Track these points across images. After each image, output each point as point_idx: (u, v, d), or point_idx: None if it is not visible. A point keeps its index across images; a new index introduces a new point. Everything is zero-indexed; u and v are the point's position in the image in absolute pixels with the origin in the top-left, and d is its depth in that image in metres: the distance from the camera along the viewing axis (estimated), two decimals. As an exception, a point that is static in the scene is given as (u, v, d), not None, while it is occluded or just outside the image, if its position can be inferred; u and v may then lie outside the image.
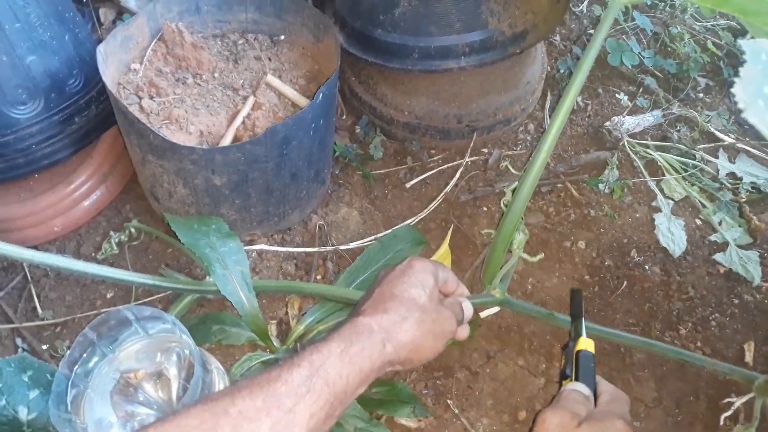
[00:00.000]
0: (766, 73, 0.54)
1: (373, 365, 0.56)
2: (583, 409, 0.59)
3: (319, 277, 1.02)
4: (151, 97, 0.95)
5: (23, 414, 0.74)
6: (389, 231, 1.06)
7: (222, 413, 0.47)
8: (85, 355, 0.77)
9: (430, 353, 0.62)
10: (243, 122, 0.93)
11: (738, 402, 0.89)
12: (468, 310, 0.69)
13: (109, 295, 1.01)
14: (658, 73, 1.31)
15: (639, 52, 1.31)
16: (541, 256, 0.96)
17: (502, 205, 1.01)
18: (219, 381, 0.83)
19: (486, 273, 0.80)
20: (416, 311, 0.60)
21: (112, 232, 1.02)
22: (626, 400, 0.63)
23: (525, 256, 0.81)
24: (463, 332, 0.70)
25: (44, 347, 0.96)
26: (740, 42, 0.53)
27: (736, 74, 0.50)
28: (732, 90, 0.50)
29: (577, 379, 0.65)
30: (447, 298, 0.68)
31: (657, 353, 0.90)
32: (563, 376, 0.67)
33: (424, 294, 0.62)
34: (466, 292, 0.72)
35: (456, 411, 0.88)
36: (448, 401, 0.89)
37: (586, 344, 0.67)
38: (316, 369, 0.52)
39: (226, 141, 0.92)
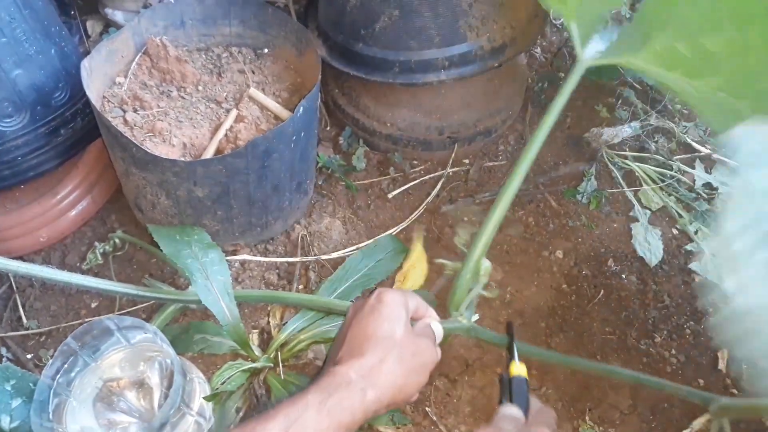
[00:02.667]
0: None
1: (354, 417, 0.54)
2: (513, 428, 0.58)
3: (301, 286, 1.04)
4: (135, 110, 0.96)
5: (5, 423, 0.75)
6: (371, 241, 1.08)
7: None
8: (67, 364, 0.78)
9: (415, 389, 0.60)
10: (226, 135, 0.95)
11: (698, 424, 0.91)
12: (438, 331, 0.66)
13: (93, 305, 1.02)
14: (637, 85, 1.34)
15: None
16: (496, 292, 0.95)
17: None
18: (199, 389, 0.85)
19: (452, 300, 0.79)
20: (394, 349, 0.57)
21: (97, 243, 1.03)
22: (552, 414, 0.63)
23: (484, 292, 0.80)
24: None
25: (29, 356, 0.97)
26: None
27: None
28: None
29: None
30: (417, 322, 0.67)
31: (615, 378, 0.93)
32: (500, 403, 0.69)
33: (399, 328, 0.59)
34: (434, 315, 0.69)
35: (434, 418, 0.90)
36: (427, 408, 0.91)
37: (518, 369, 0.66)
38: (292, 422, 0.50)
39: (209, 153, 0.94)
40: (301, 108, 0.87)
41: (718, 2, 0.65)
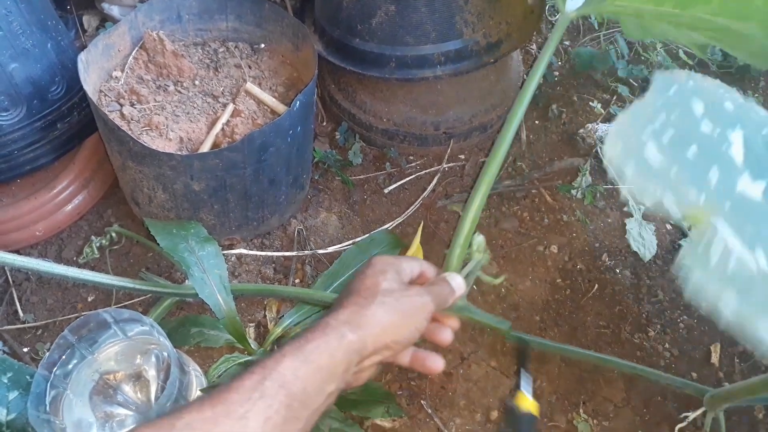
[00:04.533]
0: (664, 107, 0.55)
1: (334, 358, 0.52)
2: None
3: (297, 280, 1.04)
4: (132, 105, 0.96)
5: (2, 414, 0.75)
6: (367, 235, 1.08)
7: (167, 427, 0.45)
8: (64, 357, 0.78)
9: (406, 332, 0.58)
10: (222, 129, 0.96)
11: (692, 416, 0.92)
12: (457, 283, 0.63)
13: (90, 299, 1.02)
14: (632, 81, 1.34)
15: (612, 63, 1.34)
16: (502, 278, 0.90)
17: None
18: (196, 382, 0.85)
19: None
20: (376, 296, 0.57)
21: (93, 237, 1.03)
22: None
23: (486, 277, 0.78)
24: (450, 325, 0.64)
25: (25, 350, 0.97)
26: (655, 72, 0.55)
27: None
28: (616, 120, 0.51)
29: None
30: (431, 279, 0.64)
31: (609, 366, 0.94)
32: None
33: (383, 281, 0.58)
34: (451, 272, 0.66)
35: (429, 411, 0.90)
36: (422, 401, 0.91)
37: (529, 406, 0.64)
38: (269, 372, 0.50)
39: (206, 147, 0.94)
40: (298, 102, 0.88)
41: None
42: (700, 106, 0.57)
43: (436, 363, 0.62)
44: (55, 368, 0.77)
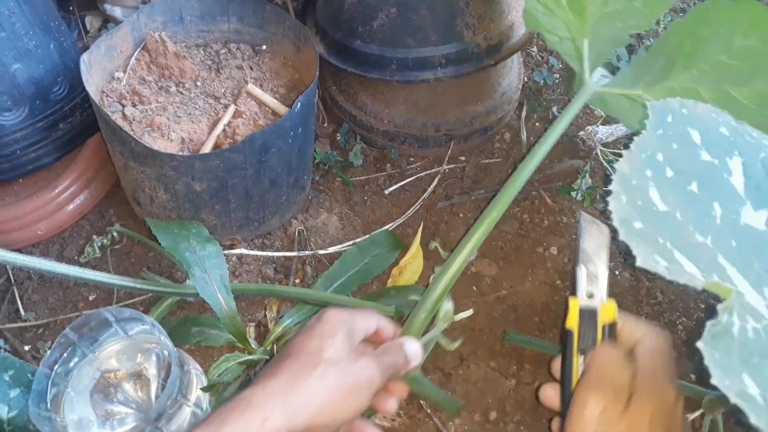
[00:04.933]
0: (663, 139, 0.53)
1: None
2: (624, 378, 0.52)
3: (297, 280, 1.05)
4: (134, 105, 0.97)
5: (3, 412, 0.76)
6: (367, 236, 1.09)
7: None
8: (65, 355, 0.79)
9: (345, 412, 0.52)
10: (224, 130, 0.96)
11: (690, 417, 0.92)
12: (413, 352, 0.58)
13: (91, 297, 1.03)
14: (632, 85, 1.35)
15: (614, 67, 1.34)
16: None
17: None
18: (196, 381, 0.86)
19: None
20: (318, 366, 0.51)
21: (94, 236, 1.04)
22: (667, 342, 0.57)
23: (444, 342, 0.73)
24: (396, 393, 0.61)
25: (26, 348, 0.98)
26: (648, 104, 0.53)
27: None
28: (616, 166, 0.49)
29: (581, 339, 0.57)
30: (386, 343, 0.59)
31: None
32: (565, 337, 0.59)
33: (330, 346, 0.52)
34: (410, 338, 0.61)
35: (428, 411, 0.91)
36: (421, 402, 0.92)
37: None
38: None
39: (207, 148, 0.94)
40: (299, 104, 0.88)
41: (753, 53, 0.64)
42: (697, 135, 0.56)
43: (388, 408, 0.58)
44: (57, 366, 0.78)
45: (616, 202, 0.46)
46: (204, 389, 0.83)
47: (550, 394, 0.58)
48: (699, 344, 0.37)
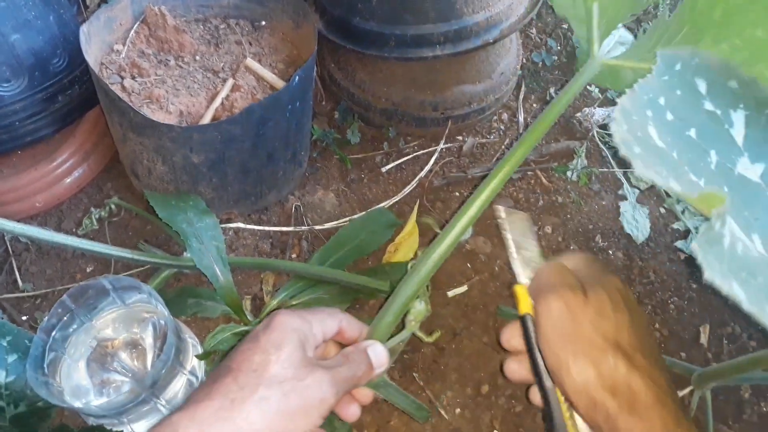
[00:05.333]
0: (667, 85, 0.54)
1: None
2: (572, 277, 0.51)
3: (294, 255, 1.05)
4: (133, 77, 0.97)
5: (1, 377, 0.77)
6: (364, 213, 1.10)
7: None
8: (63, 321, 0.79)
9: None
10: (222, 103, 0.96)
11: (680, 394, 0.94)
12: (378, 359, 0.53)
13: (88, 269, 1.03)
14: (630, 68, 1.35)
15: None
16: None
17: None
18: (192, 350, 0.87)
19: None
20: (258, 388, 0.45)
21: (92, 208, 1.04)
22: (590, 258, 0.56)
23: (421, 335, 0.70)
24: (360, 400, 0.55)
25: (24, 318, 0.99)
26: (657, 53, 0.52)
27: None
28: (618, 100, 0.48)
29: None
30: (346, 348, 0.54)
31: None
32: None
33: (276, 360, 0.46)
34: (374, 343, 0.55)
35: (421, 383, 0.92)
36: (414, 374, 0.93)
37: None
38: None
39: (205, 121, 0.95)
40: (297, 77, 0.89)
41: None
42: (704, 85, 0.57)
43: (350, 414, 0.54)
44: (54, 332, 0.78)
45: (618, 127, 0.47)
46: (199, 357, 0.84)
47: (515, 368, 0.55)
48: (693, 245, 0.39)
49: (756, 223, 0.52)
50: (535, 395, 0.53)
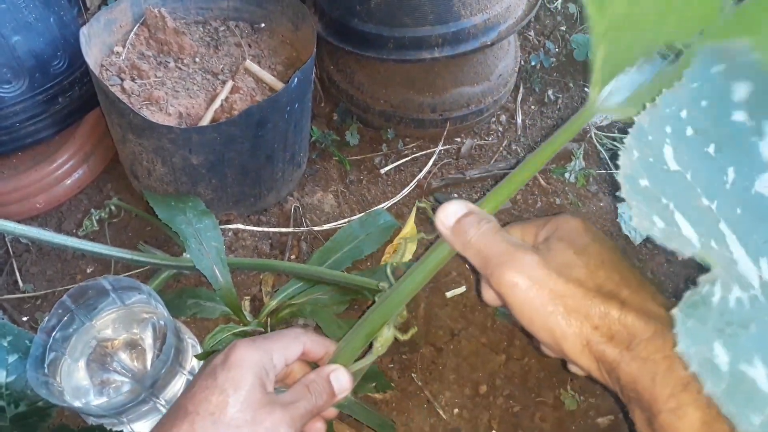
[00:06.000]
0: (697, 93, 0.49)
1: None
2: (517, 238, 0.48)
3: (293, 257, 1.06)
4: (133, 79, 0.98)
5: (2, 376, 0.78)
6: (363, 214, 1.10)
7: None
8: (63, 321, 0.80)
9: None
10: (221, 105, 0.97)
11: None
12: (340, 385, 0.52)
13: (89, 270, 1.04)
14: (628, 70, 1.36)
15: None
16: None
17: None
18: (191, 351, 0.87)
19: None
20: None
21: (93, 210, 1.05)
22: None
23: (397, 334, 0.71)
24: (325, 416, 0.55)
25: (24, 319, 0.99)
26: (699, 49, 0.46)
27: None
28: (636, 119, 0.44)
29: None
30: (308, 376, 0.53)
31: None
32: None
33: (232, 404, 0.45)
34: (338, 368, 0.54)
35: (420, 384, 0.92)
36: (413, 375, 0.93)
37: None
38: None
39: (205, 122, 0.95)
40: (296, 79, 0.89)
41: None
42: (744, 90, 0.48)
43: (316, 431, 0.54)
44: (54, 332, 0.79)
45: (626, 157, 0.44)
46: (198, 357, 0.84)
47: (492, 296, 0.52)
48: (673, 311, 0.38)
49: (765, 246, 0.48)
50: (490, 297, 0.52)
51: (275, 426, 0.46)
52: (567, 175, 1.18)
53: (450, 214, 0.49)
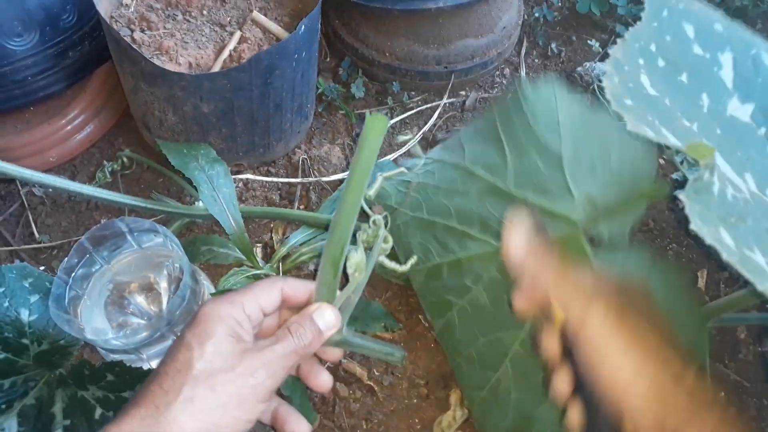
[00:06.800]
0: (657, 31, 0.56)
1: None
2: (609, 285, 0.47)
3: (302, 206, 1.08)
4: (143, 30, 0.99)
5: (25, 315, 0.80)
6: (369, 165, 1.12)
7: None
8: (83, 261, 0.82)
9: (232, 428, 0.44)
10: (230, 54, 0.98)
11: None
12: (326, 322, 0.49)
13: (102, 221, 1.06)
14: (631, 21, 1.36)
15: (613, 3, 1.35)
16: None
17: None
18: (207, 293, 0.90)
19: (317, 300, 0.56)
20: (183, 387, 0.43)
21: (105, 162, 1.07)
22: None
23: (392, 266, 0.67)
24: (329, 360, 0.55)
25: (41, 268, 1.02)
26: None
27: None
28: (609, 52, 0.50)
29: None
30: (291, 319, 0.50)
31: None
32: None
33: (200, 356, 0.44)
34: (321, 305, 0.51)
35: (426, 325, 0.95)
36: (420, 316, 0.96)
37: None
38: None
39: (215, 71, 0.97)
40: (303, 26, 0.90)
41: None
42: (691, 29, 0.59)
43: (321, 383, 0.52)
44: (74, 272, 0.81)
45: (609, 82, 0.49)
46: (213, 294, 0.87)
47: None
48: (680, 195, 0.40)
49: (749, 162, 0.54)
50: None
51: (250, 370, 0.44)
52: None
53: (515, 251, 0.49)
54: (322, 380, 0.52)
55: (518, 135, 0.73)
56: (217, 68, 0.97)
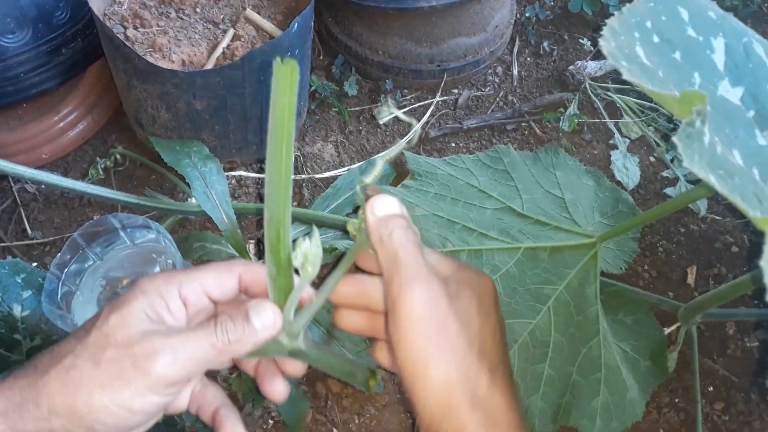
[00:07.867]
0: (653, 11, 0.58)
1: None
2: (445, 270, 0.45)
3: (295, 203, 1.08)
4: (136, 28, 1.00)
5: (17, 311, 0.80)
6: (362, 162, 1.12)
7: None
8: (75, 257, 0.83)
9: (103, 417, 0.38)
10: (223, 52, 0.99)
11: (667, 331, 0.98)
12: (262, 318, 0.43)
13: (95, 217, 1.06)
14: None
15: (604, 3, 1.36)
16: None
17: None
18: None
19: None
20: (67, 355, 0.39)
21: (98, 159, 1.07)
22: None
23: (365, 244, 0.47)
24: (287, 372, 0.47)
25: (34, 264, 1.02)
26: None
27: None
28: (606, 21, 0.52)
29: None
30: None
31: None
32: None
33: (100, 324, 0.40)
34: (261, 303, 0.44)
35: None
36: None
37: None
38: None
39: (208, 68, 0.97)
40: (296, 24, 0.91)
41: None
42: (686, 13, 0.61)
43: (274, 391, 0.46)
44: (67, 268, 0.82)
45: (606, 44, 0.50)
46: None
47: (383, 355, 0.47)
48: (674, 138, 0.42)
49: (736, 140, 0.56)
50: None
51: (148, 352, 0.39)
52: (561, 123, 1.20)
53: (385, 206, 0.45)
54: (275, 389, 0.46)
55: (527, 180, 0.93)
56: (210, 66, 0.98)
